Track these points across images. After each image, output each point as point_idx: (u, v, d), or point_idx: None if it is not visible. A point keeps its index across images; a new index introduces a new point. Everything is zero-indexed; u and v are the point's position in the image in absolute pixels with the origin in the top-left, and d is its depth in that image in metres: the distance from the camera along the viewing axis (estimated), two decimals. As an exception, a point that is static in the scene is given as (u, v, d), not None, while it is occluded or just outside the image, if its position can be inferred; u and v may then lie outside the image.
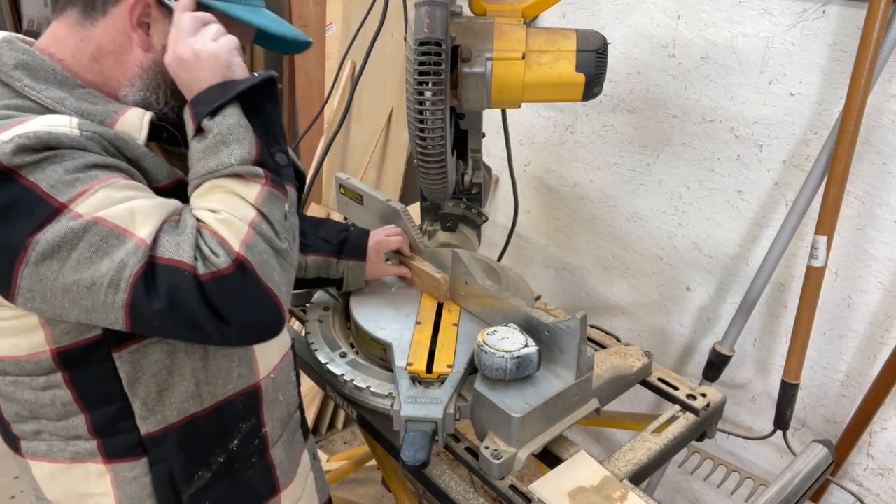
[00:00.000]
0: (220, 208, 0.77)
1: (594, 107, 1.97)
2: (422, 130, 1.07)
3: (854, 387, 1.57)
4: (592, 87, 1.15)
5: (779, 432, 1.59)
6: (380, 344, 1.20)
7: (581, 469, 1.03)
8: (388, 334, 1.19)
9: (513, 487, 1.02)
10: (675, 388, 1.27)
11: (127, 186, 0.75)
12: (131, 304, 0.71)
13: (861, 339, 1.53)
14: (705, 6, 1.61)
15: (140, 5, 0.83)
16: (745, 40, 1.55)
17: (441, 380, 1.09)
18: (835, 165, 1.34)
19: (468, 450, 1.10)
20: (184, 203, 0.81)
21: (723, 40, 1.59)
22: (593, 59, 1.13)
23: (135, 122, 0.83)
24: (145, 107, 0.86)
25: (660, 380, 1.29)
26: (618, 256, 2.07)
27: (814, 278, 1.42)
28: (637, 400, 2.06)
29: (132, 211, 0.73)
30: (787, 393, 1.51)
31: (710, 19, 1.60)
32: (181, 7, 0.84)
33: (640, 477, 1.08)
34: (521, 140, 2.25)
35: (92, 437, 0.87)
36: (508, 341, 1.04)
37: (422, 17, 1.00)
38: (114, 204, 0.72)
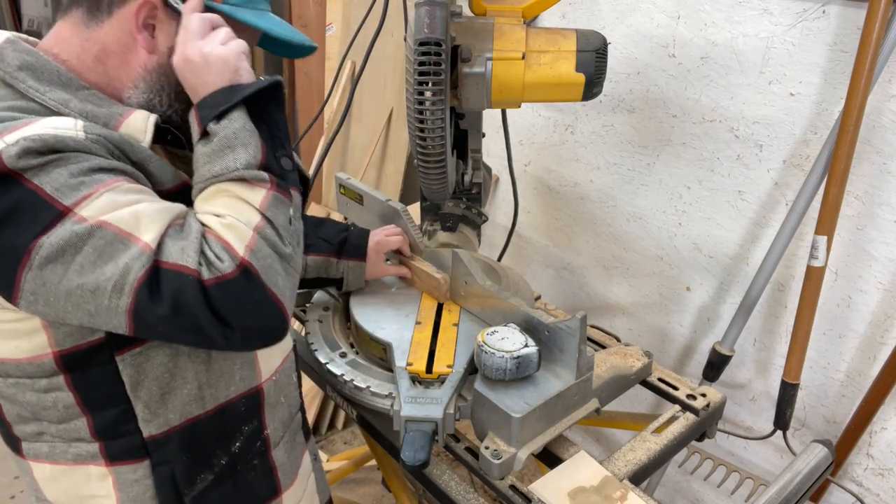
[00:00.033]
0: (224, 213, 0.77)
1: (594, 107, 1.97)
2: (422, 130, 1.07)
3: (854, 387, 1.57)
4: (592, 87, 1.15)
5: (779, 432, 1.59)
6: (380, 344, 1.20)
7: (581, 469, 1.03)
8: (388, 334, 1.19)
9: (513, 487, 1.02)
10: (675, 388, 1.27)
11: (132, 190, 0.75)
12: (135, 308, 0.71)
13: (861, 339, 1.53)
14: (705, 6, 1.61)
15: (146, 7, 0.83)
16: (745, 40, 1.55)
17: (441, 380, 1.09)
18: (835, 165, 1.34)
19: (468, 450, 1.10)
20: (188, 207, 0.81)
21: (723, 40, 1.59)
22: (593, 59, 1.13)
23: (139, 124, 0.83)
24: (149, 109, 0.86)
25: (660, 380, 1.29)
26: (618, 256, 2.07)
27: (814, 278, 1.42)
28: (637, 400, 2.06)
29: (137, 215, 0.72)
30: (787, 393, 1.51)
31: (710, 19, 1.61)
32: (189, 9, 0.84)
33: (640, 477, 1.08)
34: (521, 140, 2.25)
35: (94, 439, 0.86)
36: (508, 341, 1.04)
37: (422, 17, 1.00)
38: (118, 208, 0.72)
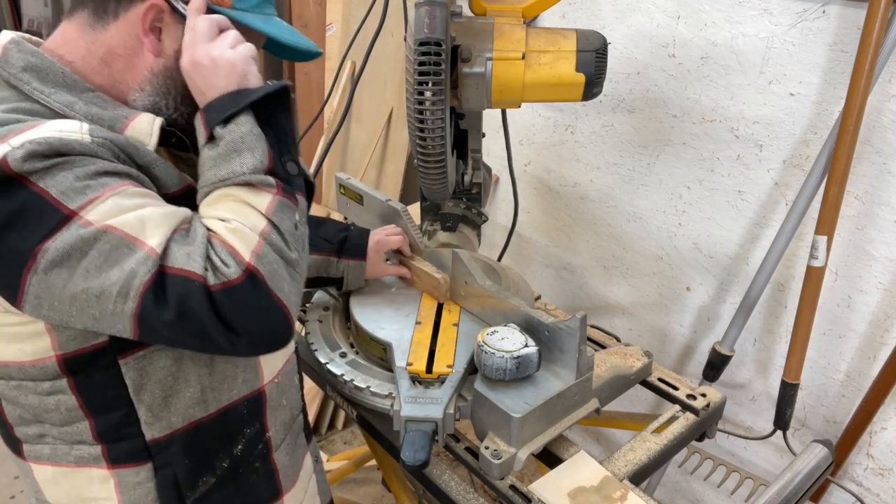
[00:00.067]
0: (230, 217, 0.76)
1: (594, 107, 1.97)
2: (422, 130, 1.07)
3: (854, 387, 1.57)
4: (592, 87, 1.15)
5: (779, 432, 1.59)
6: (380, 344, 1.20)
7: (581, 469, 1.03)
8: (388, 334, 1.19)
9: (513, 487, 1.02)
10: (675, 388, 1.27)
11: (137, 194, 0.75)
12: (140, 313, 0.71)
13: (861, 339, 1.53)
14: (705, 6, 1.61)
15: (153, 10, 0.82)
16: (745, 40, 1.55)
17: (441, 380, 1.09)
18: (835, 165, 1.34)
19: (468, 450, 1.10)
20: (193, 210, 0.81)
21: (723, 40, 1.59)
22: (593, 59, 1.13)
23: (145, 127, 0.83)
24: (155, 112, 0.86)
25: (660, 380, 1.29)
26: (618, 256, 2.07)
27: (814, 278, 1.42)
28: (637, 400, 2.06)
29: (143, 219, 0.72)
30: (787, 393, 1.51)
31: (710, 19, 1.60)
32: (194, 10, 0.83)
33: (640, 477, 1.08)
34: (521, 140, 2.25)
35: (96, 442, 0.86)
36: (508, 341, 1.04)
37: (422, 17, 1.00)
38: (124, 212, 0.71)
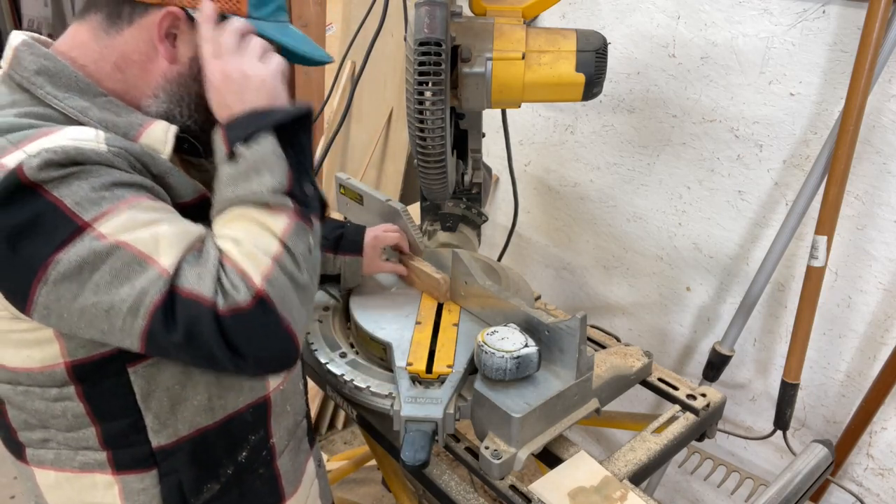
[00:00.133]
0: (243, 238, 0.75)
1: (594, 107, 1.97)
2: (422, 130, 1.07)
3: (854, 387, 1.57)
4: (592, 87, 1.15)
5: (779, 432, 1.59)
6: (380, 344, 1.19)
7: (581, 469, 1.03)
8: (388, 334, 1.19)
9: (513, 487, 1.02)
10: (675, 388, 1.27)
11: (153, 208, 0.74)
12: (149, 331, 0.70)
13: (861, 339, 1.53)
14: (705, 6, 1.61)
15: (169, 17, 0.81)
16: (745, 40, 1.55)
17: (441, 380, 1.09)
18: (835, 165, 1.34)
19: (468, 450, 1.10)
20: (206, 219, 0.80)
21: (723, 40, 1.59)
22: (593, 59, 1.13)
23: (159, 135, 0.82)
24: (169, 119, 0.85)
25: (660, 380, 1.29)
26: (618, 256, 2.07)
27: (814, 278, 1.42)
28: (637, 400, 2.06)
29: (157, 237, 0.71)
30: (787, 393, 1.51)
31: (710, 19, 1.60)
32: (207, 20, 0.82)
33: (640, 477, 1.08)
34: (521, 140, 2.25)
35: (102, 448, 0.86)
36: (508, 341, 1.04)
37: (422, 17, 1.00)
38: (139, 227, 0.71)
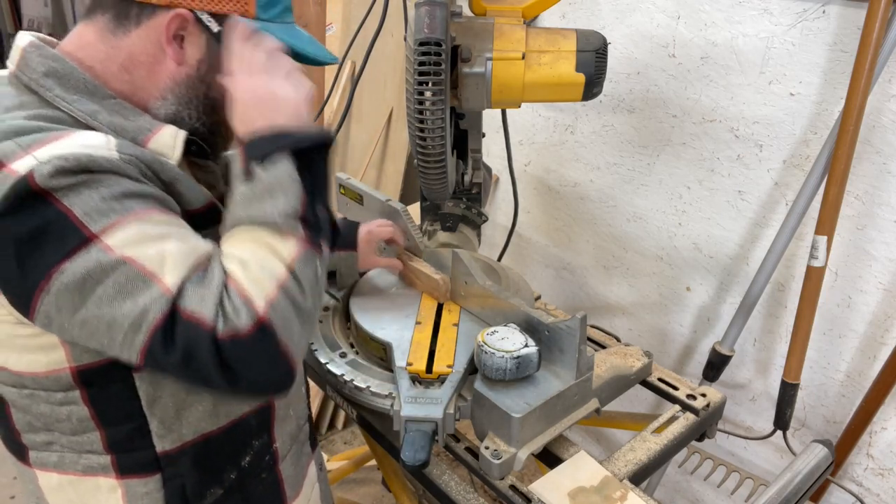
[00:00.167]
0: (251, 260, 0.74)
1: (594, 107, 1.97)
2: (422, 130, 1.07)
3: (854, 387, 1.57)
4: (592, 87, 1.15)
5: (779, 432, 1.59)
6: (380, 344, 1.19)
7: (581, 469, 1.03)
8: (388, 334, 1.19)
9: (513, 487, 1.02)
10: (675, 388, 1.27)
11: (161, 222, 0.73)
12: (149, 349, 0.70)
13: (861, 339, 1.53)
14: (705, 6, 1.61)
15: (177, 19, 0.81)
16: (745, 40, 1.55)
17: (441, 380, 1.09)
18: (835, 165, 1.34)
19: (468, 450, 1.10)
20: (213, 223, 0.80)
21: (723, 40, 1.59)
22: (593, 59, 1.12)
23: (168, 140, 0.82)
24: (178, 121, 0.85)
25: (660, 380, 1.29)
26: (618, 256, 2.07)
27: (814, 278, 1.42)
28: (637, 400, 2.06)
29: (163, 254, 0.70)
30: (787, 393, 1.51)
31: (710, 19, 1.60)
32: (239, 36, 0.81)
33: (640, 477, 1.08)
34: (521, 140, 2.25)
35: (106, 452, 0.86)
36: (508, 341, 1.04)
37: (422, 17, 1.00)
38: (146, 241, 0.70)
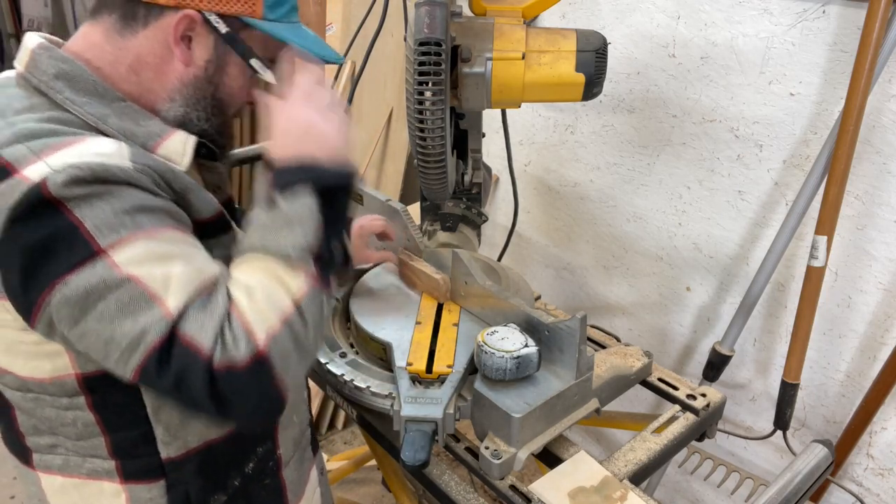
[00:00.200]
0: (257, 289, 0.73)
1: (594, 107, 1.97)
2: (422, 130, 1.07)
3: (854, 387, 1.57)
4: (592, 87, 1.15)
5: (779, 432, 1.59)
6: (380, 344, 1.19)
7: (581, 469, 1.03)
8: (388, 334, 1.19)
9: (513, 487, 1.02)
10: (675, 388, 1.27)
11: (170, 240, 0.73)
12: (143, 368, 0.70)
13: (861, 339, 1.53)
14: (705, 6, 1.61)
15: (185, 20, 0.81)
16: (745, 40, 1.55)
17: (441, 380, 1.09)
18: (835, 165, 1.34)
19: (468, 450, 1.10)
20: (222, 235, 0.80)
21: (723, 40, 1.59)
22: (593, 59, 1.12)
23: (178, 146, 0.82)
24: (186, 123, 0.85)
25: (660, 380, 1.29)
26: (618, 256, 2.07)
27: (814, 278, 1.42)
28: (637, 400, 2.06)
29: (168, 276, 0.70)
30: (787, 393, 1.51)
31: (710, 19, 1.60)
32: (295, 67, 0.82)
33: (640, 477, 1.08)
34: (521, 140, 2.25)
35: (111, 457, 0.86)
36: (508, 341, 1.04)
37: (422, 17, 1.00)
38: (153, 261, 0.70)
